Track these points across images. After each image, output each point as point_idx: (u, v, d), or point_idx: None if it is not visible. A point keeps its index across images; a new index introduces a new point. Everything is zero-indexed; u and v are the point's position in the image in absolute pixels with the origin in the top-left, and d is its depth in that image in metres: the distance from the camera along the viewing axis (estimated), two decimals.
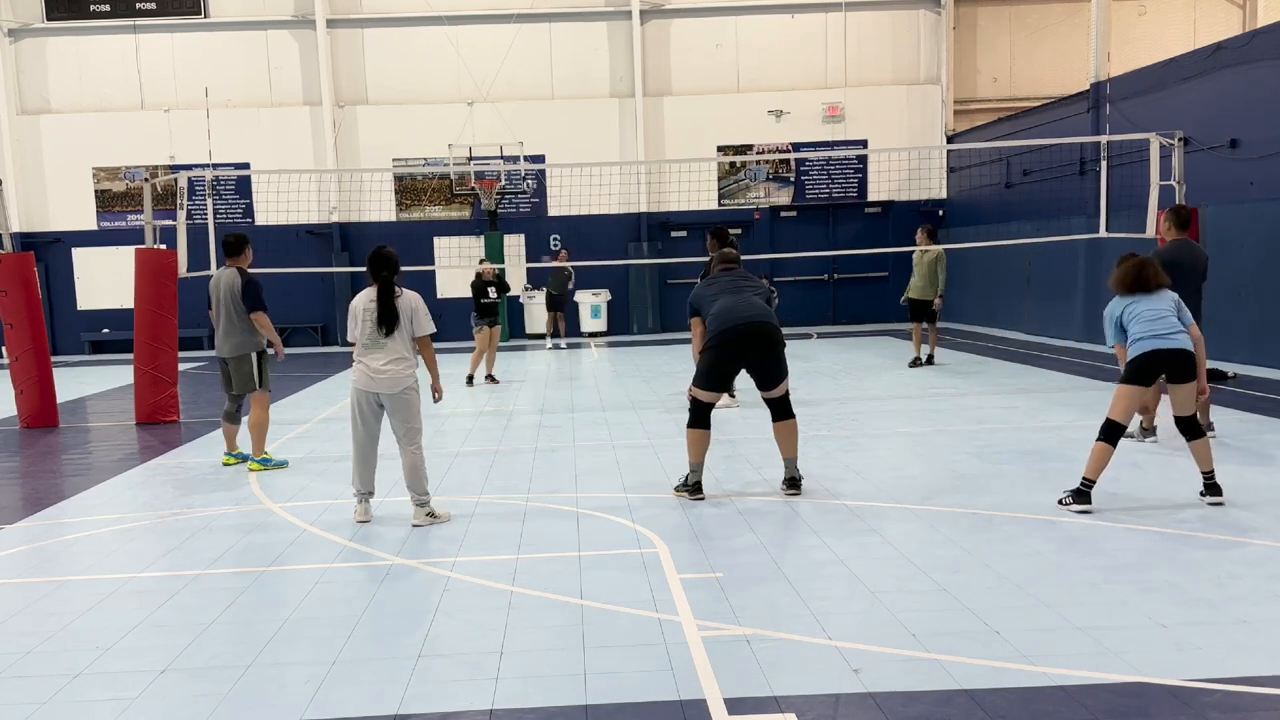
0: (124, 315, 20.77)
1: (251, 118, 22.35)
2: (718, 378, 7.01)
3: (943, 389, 12.16)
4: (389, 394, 6.46)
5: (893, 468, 7.86)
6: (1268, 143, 13.25)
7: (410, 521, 6.54)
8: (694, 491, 6.99)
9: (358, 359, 6.53)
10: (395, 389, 6.44)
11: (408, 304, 6.53)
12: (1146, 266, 6.73)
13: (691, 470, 7.03)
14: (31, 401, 11.46)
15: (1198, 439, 6.50)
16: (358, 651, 4.43)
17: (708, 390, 6.99)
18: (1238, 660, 4.04)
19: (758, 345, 6.88)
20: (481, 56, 22.31)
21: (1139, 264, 6.77)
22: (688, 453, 7.04)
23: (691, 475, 7.03)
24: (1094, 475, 6.42)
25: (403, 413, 6.49)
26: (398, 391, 6.45)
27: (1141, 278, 6.69)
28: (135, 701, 4.00)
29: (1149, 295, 6.64)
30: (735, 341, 6.87)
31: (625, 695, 3.89)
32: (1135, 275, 6.71)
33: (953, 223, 22.72)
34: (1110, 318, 6.76)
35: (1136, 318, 6.60)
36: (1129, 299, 6.68)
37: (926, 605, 4.76)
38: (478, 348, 14.22)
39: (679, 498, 7.00)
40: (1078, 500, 6.39)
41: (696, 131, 22.45)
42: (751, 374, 7.04)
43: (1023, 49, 22.98)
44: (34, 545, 6.45)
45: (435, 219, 22.71)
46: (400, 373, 6.45)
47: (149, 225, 11.81)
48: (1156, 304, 6.58)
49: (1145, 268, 6.73)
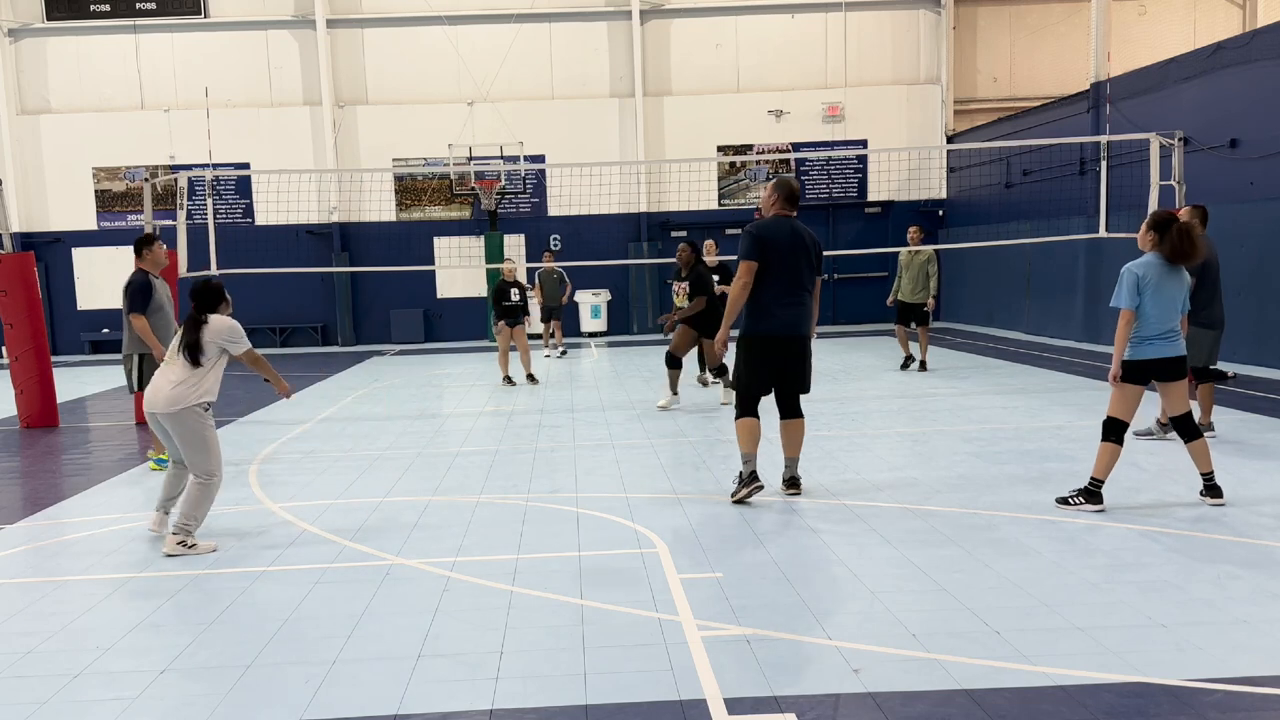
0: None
1: (251, 118, 22.35)
2: (760, 378, 6.84)
3: (943, 389, 12.16)
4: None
5: (893, 468, 7.86)
6: (1268, 143, 13.25)
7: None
8: (749, 481, 6.76)
9: None
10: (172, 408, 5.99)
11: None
12: (1194, 237, 6.22)
13: (745, 461, 6.81)
14: (32, 401, 11.46)
15: (1196, 439, 6.44)
16: (358, 651, 4.43)
17: (750, 389, 6.84)
18: (1238, 660, 4.04)
19: (797, 353, 6.80)
20: (481, 56, 22.32)
21: (1186, 232, 6.21)
22: (739, 443, 6.86)
23: (745, 466, 6.80)
24: (1103, 475, 6.35)
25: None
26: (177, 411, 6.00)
27: (1192, 248, 6.19)
28: (135, 701, 4.00)
29: (1176, 273, 6.26)
30: (779, 349, 6.75)
31: (625, 695, 3.89)
32: (1189, 242, 6.18)
33: (953, 223, 22.73)
34: (1133, 278, 6.22)
35: (1161, 299, 6.20)
36: (1159, 267, 6.21)
37: (926, 605, 4.76)
38: (500, 348, 14.20)
39: (739, 503, 6.74)
40: (1089, 501, 6.34)
41: (696, 131, 22.46)
42: (777, 377, 6.88)
43: (1023, 49, 22.98)
44: (34, 545, 6.45)
45: (435, 219, 22.71)
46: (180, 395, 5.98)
47: (149, 225, 11.80)
48: (1178, 289, 6.26)
49: (1193, 238, 6.21)
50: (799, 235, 6.78)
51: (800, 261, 6.76)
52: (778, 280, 6.70)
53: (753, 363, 6.83)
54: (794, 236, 6.76)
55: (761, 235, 6.70)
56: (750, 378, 6.85)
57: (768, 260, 6.67)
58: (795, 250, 6.74)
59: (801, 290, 6.78)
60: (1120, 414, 6.38)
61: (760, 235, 6.70)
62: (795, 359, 6.82)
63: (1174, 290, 6.28)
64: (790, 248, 6.73)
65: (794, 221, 6.84)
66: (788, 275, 6.71)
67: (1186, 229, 6.22)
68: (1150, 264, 6.26)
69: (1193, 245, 6.21)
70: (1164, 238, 6.26)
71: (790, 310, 6.73)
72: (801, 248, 6.77)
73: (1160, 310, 6.24)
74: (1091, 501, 6.34)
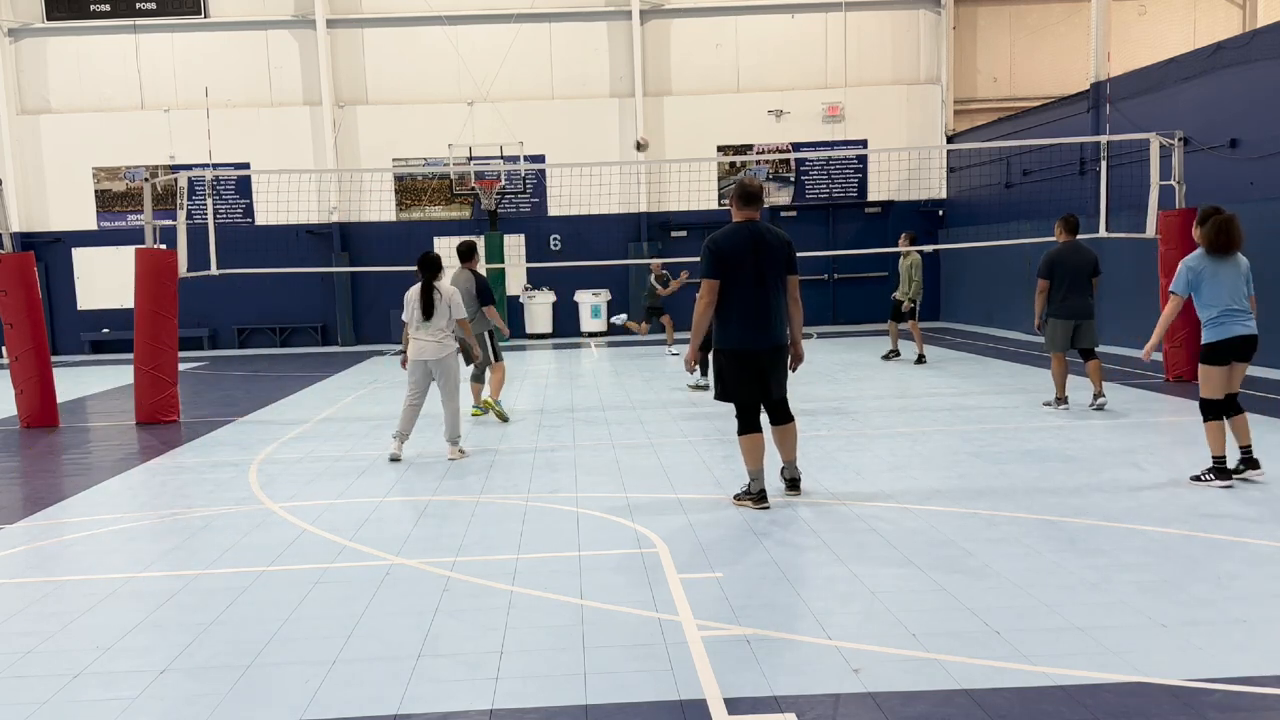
0: (124, 315, 20.82)
1: (251, 118, 22.35)
2: (743, 390, 6.66)
3: (943, 389, 12.16)
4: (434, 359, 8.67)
5: (893, 468, 7.86)
6: (1268, 143, 13.24)
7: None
8: (758, 500, 6.63)
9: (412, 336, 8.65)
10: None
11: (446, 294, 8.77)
12: (1234, 226, 6.73)
13: (753, 479, 6.65)
14: (31, 401, 11.46)
15: (1238, 414, 6.89)
16: (358, 651, 4.43)
17: (736, 401, 6.70)
18: (1238, 660, 4.04)
19: (773, 362, 6.63)
20: (481, 56, 22.31)
21: (1227, 222, 6.74)
22: (744, 461, 6.72)
23: (754, 484, 6.65)
24: (1221, 450, 6.80)
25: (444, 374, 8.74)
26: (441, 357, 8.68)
27: (1228, 239, 6.71)
28: (135, 701, 4.01)
29: (1229, 260, 6.78)
30: (751, 360, 6.57)
31: (625, 695, 3.89)
32: (1224, 235, 6.71)
33: (953, 223, 22.73)
34: (1190, 270, 6.82)
35: (1219, 285, 6.74)
36: (1212, 260, 6.77)
37: (926, 605, 4.76)
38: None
39: (741, 507, 6.69)
40: (1219, 477, 6.78)
41: (696, 131, 22.45)
42: (760, 387, 6.72)
43: (1023, 49, 22.98)
44: (34, 545, 6.45)
45: (435, 219, 22.71)
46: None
47: (149, 225, 11.81)
48: (1236, 273, 6.78)
49: (1233, 227, 6.72)
50: (761, 239, 6.50)
51: (765, 268, 6.48)
52: (742, 291, 6.47)
53: (731, 376, 6.64)
54: (755, 241, 6.48)
55: (719, 249, 6.46)
56: (736, 390, 6.66)
57: (729, 273, 6.45)
58: (759, 257, 6.47)
59: (770, 297, 6.51)
60: (1214, 394, 6.82)
61: (718, 250, 6.47)
62: (772, 368, 6.63)
63: (1233, 272, 6.78)
64: (753, 255, 6.46)
65: (757, 225, 6.55)
66: (753, 285, 6.46)
67: (1228, 224, 6.75)
68: (1204, 258, 6.82)
69: (1227, 242, 6.71)
70: (1207, 235, 6.80)
71: (759, 321, 6.50)
72: (765, 251, 6.49)
73: (1227, 296, 6.75)
74: (1221, 477, 6.79)
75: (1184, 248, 11.97)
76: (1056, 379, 10.23)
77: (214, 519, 6.88)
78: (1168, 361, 12.11)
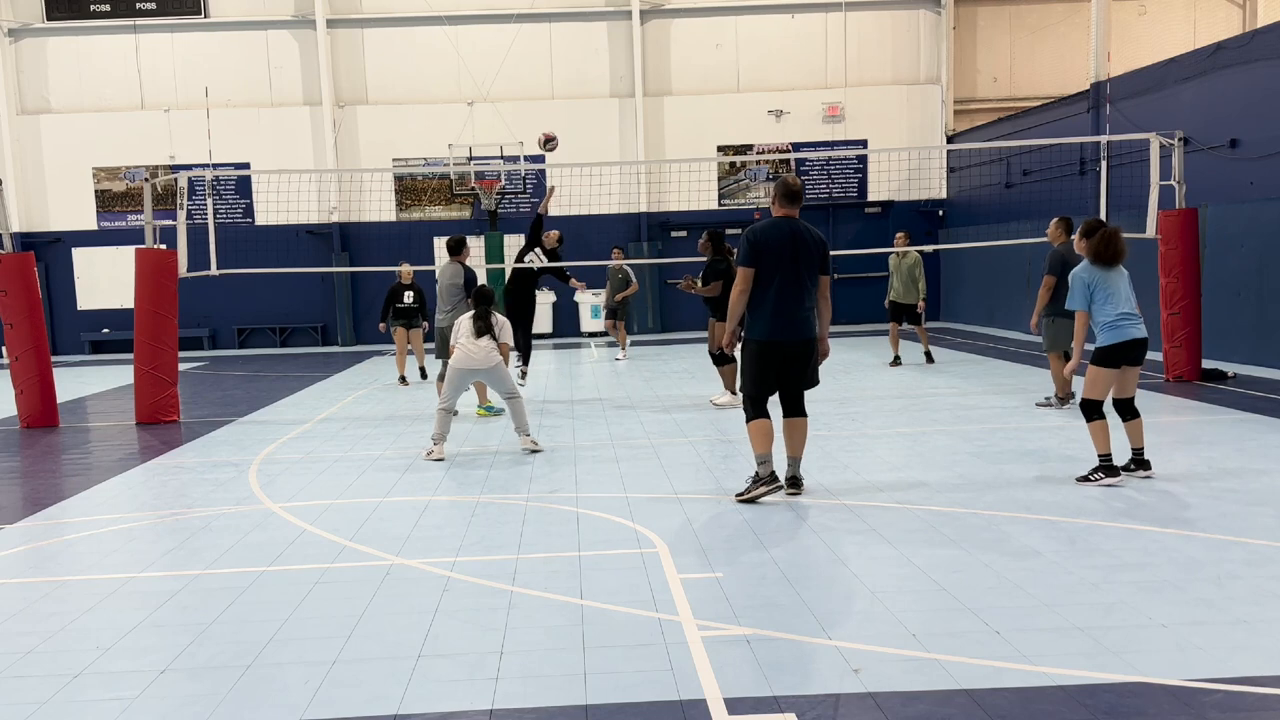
0: (124, 315, 20.81)
1: (251, 118, 22.36)
2: (765, 382, 6.80)
3: (943, 389, 12.16)
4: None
5: (893, 468, 7.86)
6: (1268, 143, 13.25)
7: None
8: (769, 482, 6.74)
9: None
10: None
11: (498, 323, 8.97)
12: (1120, 238, 7.03)
13: (761, 462, 6.76)
14: (32, 401, 11.46)
15: (1134, 419, 7.17)
16: (358, 651, 4.43)
17: (757, 393, 6.81)
18: (1238, 660, 4.04)
19: (801, 355, 6.75)
20: (481, 56, 22.32)
21: (1114, 236, 7.04)
22: (753, 446, 6.82)
23: (762, 467, 6.75)
24: (1107, 449, 6.94)
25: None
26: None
27: (1114, 250, 7.01)
28: (135, 701, 4.00)
29: (1116, 271, 7.06)
30: (780, 353, 6.71)
31: (625, 695, 3.89)
32: (1111, 246, 7.01)
33: (953, 223, 22.73)
34: (1082, 284, 7.06)
35: (1112, 294, 7.00)
36: (1101, 269, 7.03)
37: (926, 605, 4.76)
38: (398, 349, 14.45)
39: (747, 500, 6.73)
40: (1108, 475, 6.91)
41: (696, 131, 22.46)
42: (781, 379, 6.85)
43: (1023, 49, 22.99)
44: (34, 545, 6.45)
45: (435, 219, 22.71)
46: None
47: (149, 225, 11.80)
48: (1124, 281, 7.08)
49: (1119, 239, 7.03)
50: (800, 236, 6.67)
51: (801, 263, 6.66)
52: (778, 284, 6.63)
53: (756, 367, 6.79)
54: (794, 237, 6.65)
55: (758, 240, 6.65)
56: (755, 382, 6.81)
57: (766, 265, 6.62)
58: (796, 252, 6.65)
59: (803, 293, 6.68)
60: (1099, 396, 7.04)
61: (756, 240, 6.65)
62: (799, 362, 6.77)
63: (1122, 281, 7.08)
64: (791, 250, 6.63)
65: (795, 222, 6.74)
66: (788, 278, 6.63)
67: (1114, 238, 7.04)
68: (1093, 270, 7.08)
69: (1115, 253, 7.02)
70: (1094, 248, 7.09)
71: (792, 314, 6.66)
72: (802, 248, 6.67)
73: (1121, 301, 7.02)
74: (1110, 475, 6.92)
75: (1184, 248, 12.02)
76: (1056, 378, 10.26)
77: (214, 519, 6.88)
78: (1168, 361, 12.11)
